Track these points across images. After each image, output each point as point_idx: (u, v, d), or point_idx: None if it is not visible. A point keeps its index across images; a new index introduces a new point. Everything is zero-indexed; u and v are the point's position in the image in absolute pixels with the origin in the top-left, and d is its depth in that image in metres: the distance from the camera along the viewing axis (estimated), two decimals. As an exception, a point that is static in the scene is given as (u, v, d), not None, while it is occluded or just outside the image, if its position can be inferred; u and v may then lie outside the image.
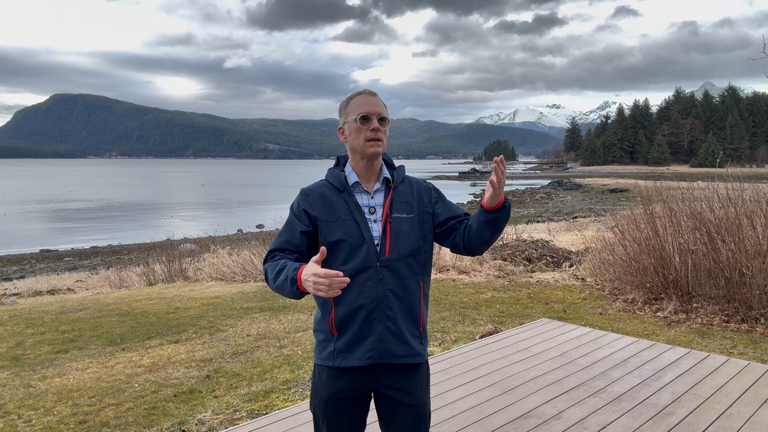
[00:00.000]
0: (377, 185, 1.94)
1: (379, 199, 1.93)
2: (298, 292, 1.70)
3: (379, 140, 1.88)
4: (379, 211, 1.91)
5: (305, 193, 1.94)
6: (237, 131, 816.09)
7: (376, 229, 1.88)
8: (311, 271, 1.62)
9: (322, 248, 1.69)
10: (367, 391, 1.92)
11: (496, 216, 1.81)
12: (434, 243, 2.02)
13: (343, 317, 1.86)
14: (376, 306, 1.85)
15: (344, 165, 1.98)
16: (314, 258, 1.67)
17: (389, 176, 1.96)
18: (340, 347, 1.88)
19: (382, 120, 1.90)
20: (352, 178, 1.93)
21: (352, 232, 1.86)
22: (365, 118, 1.88)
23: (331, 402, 1.90)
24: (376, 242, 1.87)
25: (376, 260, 1.86)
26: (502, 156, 1.74)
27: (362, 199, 1.92)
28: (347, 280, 1.60)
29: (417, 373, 1.93)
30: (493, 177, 1.73)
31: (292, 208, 1.95)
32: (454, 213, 1.98)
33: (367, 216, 1.90)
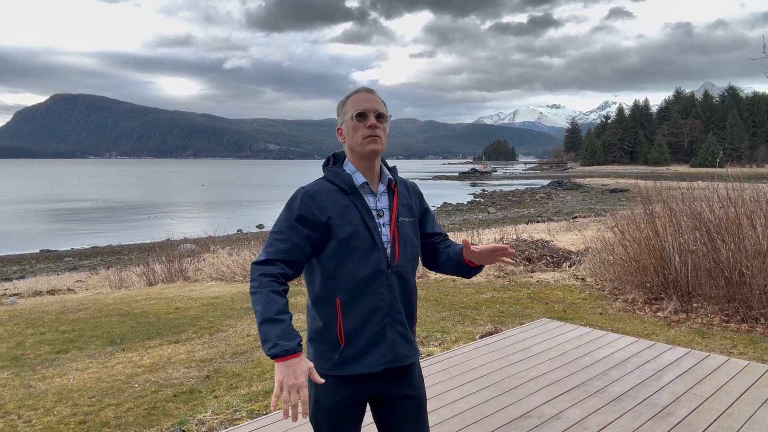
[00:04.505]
0: (381, 187, 1.88)
1: (384, 201, 1.87)
2: (267, 352, 1.60)
3: (377, 137, 1.80)
4: (387, 215, 1.85)
5: (310, 195, 1.78)
6: (237, 131, 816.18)
7: (386, 234, 1.83)
8: (292, 380, 1.56)
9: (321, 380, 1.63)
10: (369, 396, 1.90)
11: (475, 272, 1.96)
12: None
13: (354, 326, 1.79)
14: (387, 312, 1.81)
15: (342, 164, 1.88)
16: (311, 368, 1.61)
17: (392, 177, 1.90)
18: (347, 356, 1.79)
19: (380, 117, 1.82)
20: (359, 178, 1.83)
21: (364, 238, 1.78)
22: (361, 115, 1.80)
23: (336, 411, 1.83)
24: (386, 247, 1.82)
25: (387, 266, 1.81)
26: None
27: (369, 202, 1.85)
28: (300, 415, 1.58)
29: (415, 367, 1.96)
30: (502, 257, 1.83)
31: (291, 210, 1.78)
32: (434, 230, 2.03)
33: (376, 220, 1.83)
